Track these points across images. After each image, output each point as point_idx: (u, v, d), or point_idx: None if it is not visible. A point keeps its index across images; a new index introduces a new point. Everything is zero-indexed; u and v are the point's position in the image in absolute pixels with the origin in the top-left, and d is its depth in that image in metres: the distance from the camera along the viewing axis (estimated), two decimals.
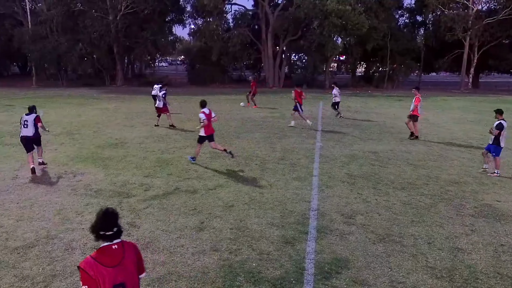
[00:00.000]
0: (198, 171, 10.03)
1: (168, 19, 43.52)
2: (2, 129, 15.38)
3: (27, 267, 5.47)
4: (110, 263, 2.98)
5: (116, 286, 2.96)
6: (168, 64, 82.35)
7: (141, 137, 14.03)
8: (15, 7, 39.89)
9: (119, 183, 9.01)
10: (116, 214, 3.13)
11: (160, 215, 7.26)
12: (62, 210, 7.45)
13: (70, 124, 16.56)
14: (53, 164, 10.54)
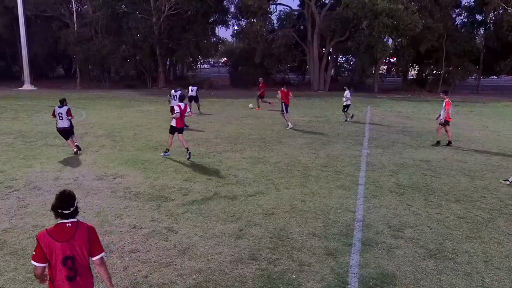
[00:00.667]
0: (238, 176, 10.11)
1: (211, 20, 44.27)
2: (46, 130, 16.15)
3: None
4: (61, 238, 3.55)
5: (66, 258, 3.55)
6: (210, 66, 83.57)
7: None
8: (62, 10, 41.92)
9: (158, 187, 9.23)
10: (73, 196, 3.69)
11: (198, 220, 7.36)
12: (102, 212, 7.72)
13: (112, 126, 17.16)
14: (94, 166, 10.95)
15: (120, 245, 6.37)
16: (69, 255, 3.57)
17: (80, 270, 3.65)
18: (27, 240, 6.47)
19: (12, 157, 11.70)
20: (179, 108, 11.86)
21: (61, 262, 3.55)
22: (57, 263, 3.55)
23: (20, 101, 26.30)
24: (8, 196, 8.53)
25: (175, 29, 38.45)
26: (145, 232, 6.86)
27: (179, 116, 11.75)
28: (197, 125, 17.75)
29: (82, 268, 3.67)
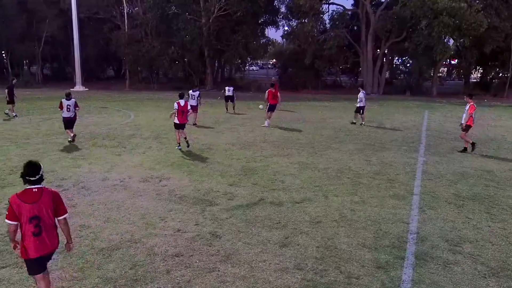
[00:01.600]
0: (284, 182, 10.08)
1: (261, 21, 44.61)
2: (96, 131, 16.85)
3: (110, 269, 5.89)
4: (28, 200, 4.47)
5: (32, 217, 4.46)
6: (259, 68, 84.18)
7: (228, 144, 14.48)
8: (114, 12, 43.67)
9: (203, 190, 9.37)
10: (38, 166, 4.60)
11: (242, 226, 7.40)
12: (146, 214, 7.93)
13: (159, 128, 17.63)
14: (140, 167, 11.28)
15: (163, 248, 6.51)
16: (35, 215, 4.48)
17: (45, 228, 4.56)
18: (74, 240, 6.69)
19: (62, 157, 12.28)
20: (178, 104, 13.32)
21: (28, 220, 4.47)
22: (25, 221, 4.47)
23: None
24: None
25: (224, 30, 39.05)
26: (189, 236, 6.98)
27: (175, 112, 13.32)
28: (244, 127, 17.91)
29: (47, 226, 4.58)
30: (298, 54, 40.20)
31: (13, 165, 11.26)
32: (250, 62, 55.36)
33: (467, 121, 13.69)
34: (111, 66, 58.95)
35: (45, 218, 4.56)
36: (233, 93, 23.04)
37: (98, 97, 31.83)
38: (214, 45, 39.33)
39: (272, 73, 58.25)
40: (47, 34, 43.45)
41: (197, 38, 38.23)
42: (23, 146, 13.77)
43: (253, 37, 41.40)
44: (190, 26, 37.69)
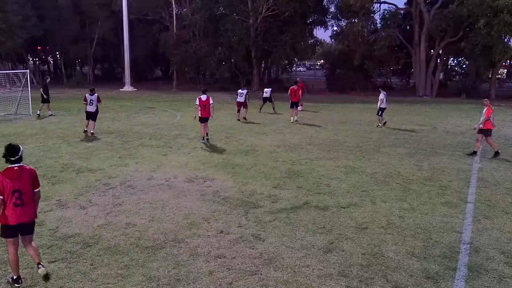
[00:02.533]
0: (330, 186, 9.97)
1: (309, 21, 44.40)
2: (143, 130, 17.33)
3: (154, 267, 6.04)
4: (11, 176, 5.33)
5: (14, 191, 5.31)
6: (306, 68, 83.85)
7: (273, 146, 14.50)
8: (163, 13, 44.81)
9: (247, 192, 9.43)
10: (17, 148, 5.43)
11: (286, 230, 7.38)
12: (190, 214, 8.07)
13: None
14: (185, 168, 11.50)
15: (206, 249, 6.60)
16: (16, 189, 5.34)
17: (25, 200, 5.42)
18: (119, 237, 6.98)
19: (110, 156, 12.72)
20: (199, 100, 14.58)
21: (11, 193, 5.31)
22: (8, 194, 5.30)
23: (120, 102, 28.52)
24: (105, 193, 9.28)
25: (272, 31, 39.15)
26: (231, 238, 7.04)
27: (198, 108, 14.65)
28: (290, 129, 17.88)
29: (26, 198, 5.44)
30: (347, 55, 39.66)
31: (64, 163, 11.78)
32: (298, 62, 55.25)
33: (485, 125, 13.25)
34: (159, 67, 60.49)
35: (25, 192, 5.44)
36: (270, 94, 23.80)
37: (146, 97, 32.74)
38: (261, 46, 39.50)
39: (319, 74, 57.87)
40: (98, 36, 45.22)
41: (245, 38, 38.52)
42: (74, 144, 14.37)
43: (301, 37, 41.24)
44: (238, 26, 38.05)
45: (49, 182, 9.97)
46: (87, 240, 6.86)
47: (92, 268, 5.98)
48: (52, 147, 13.89)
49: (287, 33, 38.70)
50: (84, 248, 6.60)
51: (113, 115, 21.59)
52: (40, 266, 5.56)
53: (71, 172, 10.90)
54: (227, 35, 38.89)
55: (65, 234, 7.09)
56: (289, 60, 44.77)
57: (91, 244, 6.74)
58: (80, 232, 7.19)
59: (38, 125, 18.55)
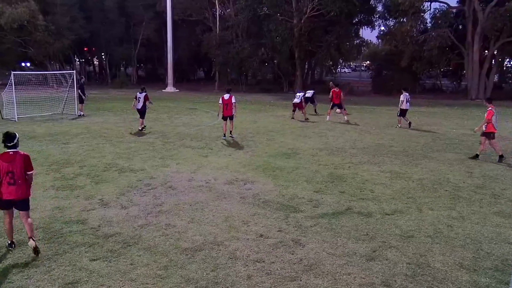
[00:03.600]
0: (374, 191, 9.80)
1: (355, 21, 43.88)
2: (184, 131, 17.62)
3: (193, 269, 6.12)
4: (6, 160, 6.42)
5: (8, 172, 6.39)
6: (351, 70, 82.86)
7: (315, 149, 14.40)
8: (207, 14, 45.48)
9: (287, 196, 9.40)
10: (13, 136, 6.54)
11: (327, 236, 7.31)
12: (230, 217, 8.13)
13: (245, 130, 18.01)
14: (226, 170, 11.60)
15: (245, 253, 6.63)
16: (10, 170, 6.42)
17: (17, 180, 6.46)
18: (159, 238, 7.12)
19: (152, 156, 13.01)
20: (222, 99, 15.73)
21: (5, 174, 6.40)
22: (3, 174, 6.41)
23: (162, 102, 29.12)
24: (146, 193, 9.50)
25: (316, 31, 38.94)
26: (271, 242, 7.03)
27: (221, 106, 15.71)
28: (333, 132, 17.70)
29: (19, 178, 6.48)
30: (394, 56, 38.89)
31: (107, 162, 12.15)
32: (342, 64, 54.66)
33: (487, 128, 13.09)
34: (201, 68, 61.41)
35: (17, 173, 6.46)
36: (312, 96, 24.01)
37: (188, 98, 33.29)
38: (305, 46, 39.35)
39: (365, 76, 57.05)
40: (142, 37, 46.45)
41: (288, 39, 38.50)
42: (116, 144, 14.80)
43: (346, 37, 40.77)
44: (281, 27, 38.08)
45: (92, 181, 10.31)
46: (128, 240, 7.04)
47: (132, 268, 6.13)
48: (96, 146, 14.36)
49: (332, 33, 38.39)
50: (125, 247, 6.77)
51: (155, 115, 22.08)
52: (30, 240, 6.46)
53: (113, 171, 11.23)
54: (270, 35, 38.98)
55: (106, 233, 7.30)
56: (334, 61, 44.34)
57: (132, 243, 6.91)
58: (121, 231, 7.39)
59: (83, 124, 19.22)
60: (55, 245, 6.80)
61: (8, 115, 20.79)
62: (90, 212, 8.28)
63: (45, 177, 10.62)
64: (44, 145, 14.50)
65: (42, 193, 9.39)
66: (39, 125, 18.95)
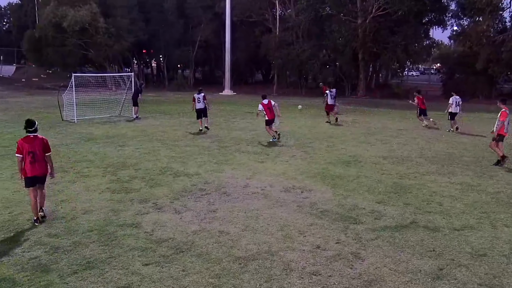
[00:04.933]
0: (443, 204, 9.44)
1: (425, 21, 42.65)
2: (240, 136, 17.81)
3: (245, 279, 6.15)
4: (28, 142, 7.91)
5: (29, 152, 7.84)
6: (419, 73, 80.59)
7: (378, 157, 14.10)
8: (266, 14, 45.84)
9: (347, 206, 9.26)
10: (33, 122, 8.08)
11: (389, 250, 7.12)
12: (285, 226, 8.11)
13: (304, 136, 17.95)
14: (282, 176, 11.60)
15: (301, 265, 6.58)
16: (31, 151, 7.91)
17: (37, 159, 7.97)
18: (212, 245, 7.22)
19: (207, 161, 13.25)
20: (261, 105, 16.59)
21: (27, 154, 7.89)
22: (26, 154, 7.90)
23: (219, 106, 29.56)
24: (200, 198, 9.68)
25: (382, 32, 38.22)
26: (328, 254, 6.94)
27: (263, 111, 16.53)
28: (398, 139, 17.26)
29: (38, 158, 8.00)
30: (468, 58, 37.35)
31: (162, 166, 12.50)
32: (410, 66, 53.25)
33: (499, 130, 12.98)
34: (259, 70, 61.87)
35: (37, 153, 7.98)
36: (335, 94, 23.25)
37: (245, 101, 33.62)
38: (370, 48, 38.69)
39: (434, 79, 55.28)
40: (201, 39, 47.45)
41: (351, 40, 38.06)
42: (172, 148, 15.20)
43: (415, 38, 39.66)
44: (344, 27, 37.71)
45: (147, 185, 10.64)
46: (181, 246, 7.19)
47: (184, 274, 6.25)
48: (151, 149, 14.82)
49: (399, 34, 37.52)
50: (177, 253, 6.92)
51: (211, 119, 22.46)
52: (40, 210, 8.21)
53: (168, 175, 11.53)
54: (333, 36, 38.69)
55: (159, 238, 7.50)
56: (401, 64, 43.27)
57: (184, 249, 7.05)
58: (174, 236, 7.57)
59: (139, 127, 19.91)
60: (109, 248, 7.07)
61: (68, 117, 21.90)
62: (144, 216, 8.54)
63: (101, 179, 11.09)
64: (101, 147, 15.14)
65: (98, 195, 9.81)
66: (97, 127, 19.84)
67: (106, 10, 43.22)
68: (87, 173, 11.68)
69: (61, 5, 40.93)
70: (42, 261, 6.60)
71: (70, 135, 17.72)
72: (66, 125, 20.26)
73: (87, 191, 10.16)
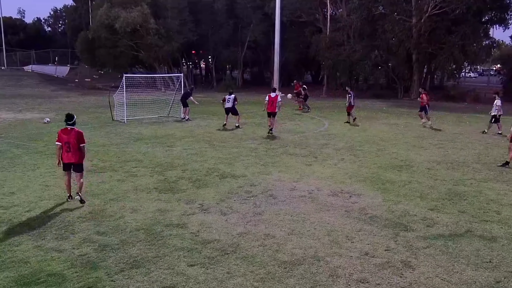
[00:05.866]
0: (501, 213, 9.06)
1: (484, 19, 41.14)
2: (288, 138, 17.79)
3: (290, 284, 6.12)
4: (65, 133, 9.16)
5: (66, 142, 9.11)
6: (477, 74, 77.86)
7: (431, 162, 13.72)
8: (317, 14, 45.57)
9: (397, 212, 9.06)
10: (72, 116, 9.27)
11: (442, 260, 6.90)
12: (333, 231, 8.02)
13: (353, 139, 17.71)
14: (330, 180, 11.49)
15: (348, 271, 6.49)
16: (67, 141, 9.09)
17: (72, 149, 9.11)
18: (257, 248, 7.23)
19: (253, 163, 13.30)
20: (268, 97, 18.27)
21: (64, 143, 9.10)
22: (63, 144, 9.11)
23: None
24: (246, 201, 9.73)
25: (437, 31, 37.13)
26: (377, 261, 6.81)
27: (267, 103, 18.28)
28: (454, 144, 16.74)
29: (73, 148, 9.12)
30: None
31: (209, 167, 12.66)
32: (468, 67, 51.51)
33: None
34: (308, 71, 61.55)
35: (72, 144, 9.09)
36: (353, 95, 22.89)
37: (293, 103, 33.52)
38: (425, 48, 37.69)
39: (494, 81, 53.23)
40: (250, 39, 47.72)
41: (405, 40, 37.20)
42: (219, 149, 15.36)
43: (474, 38, 38.25)
44: (398, 27, 36.92)
45: (193, 186, 10.80)
46: (226, 248, 7.25)
47: (229, 277, 6.29)
48: (198, 150, 15.05)
49: (457, 33, 36.29)
50: (222, 255, 6.98)
51: (258, 120, 22.57)
52: (77, 195, 9.34)
53: (214, 176, 11.67)
54: (385, 37, 37.99)
55: (205, 239, 7.59)
56: (458, 65, 41.86)
57: (229, 252, 7.10)
58: (219, 238, 7.64)
59: (187, 128, 20.26)
60: (155, 248, 7.22)
61: (118, 117, 22.57)
62: (190, 217, 8.68)
63: (149, 179, 11.35)
64: (149, 147, 15.51)
65: (146, 195, 10.05)
66: (146, 127, 20.34)
67: (157, 12, 44.21)
68: (136, 173, 11.99)
69: (114, 7, 42.22)
70: (90, 258, 6.83)
71: (119, 134, 18.26)
72: (116, 125, 20.89)
73: (135, 190, 10.43)
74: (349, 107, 22.66)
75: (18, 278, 6.20)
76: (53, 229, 7.99)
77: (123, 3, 41.95)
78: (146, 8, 42.01)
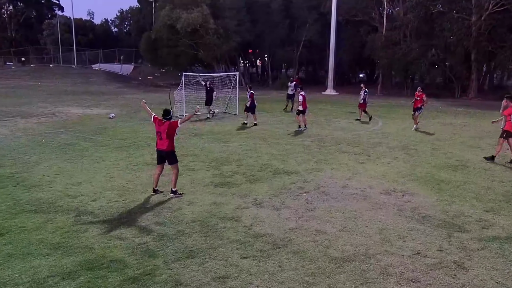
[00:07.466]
0: None
1: None
2: (341, 136, 17.57)
3: (341, 280, 6.07)
4: (158, 124, 9.73)
5: (158, 132, 9.74)
6: None
7: (489, 162, 13.15)
8: (373, 13, 44.66)
9: (451, 213, 8.76)
10: (169, 111, 9.81)
11: (497, 262, 6.62)
12: (384, 230, 7.87)
13: (407, 138, 17.24)
14: (383, 178, 11.26)
15: (399, 270, 6.35)
16: (159, 131, 9.63)
17: (163, 138, 9.57)
18: (309, 243, 7.21)
19: (306, 160, 13.24)
20: (302, 97, 19.09)
21: (157, 133, 9.71)
22: (157, 133, 9.72)
23: (321, 105, 29.46)
24: (298, 196, 9.71)
25: (499, 29, 35.44)
26: (429, 262, 6.63)
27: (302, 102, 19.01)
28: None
29: (165, 136, 9.55)
30: None
31: (263, 163, 12.72)
32: None
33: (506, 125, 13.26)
34: (363, 70, 60.46)
35: (163, 134, 9.56)
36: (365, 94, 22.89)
37: (347, 101, 33.07)
38: (484, 47, 36.08)
39: None
40: (305, 39, 47.45)
41: (464, 39, 35.75)
42: (273, 145, 15.40)
43: None
44: (457, 25, 35.54)
45: (247, 180, 10.90)
46: (277, 242, 7.28)
47: (280, 270, 6.32)
48: (253, 146, 15.15)
49: None
50: (274, 249, 7.02)
51: (312, 118, 22.41)
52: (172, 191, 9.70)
53: (268, 172, 11.72)
54: (443, 35, 36.66)
55: (257, 233, 7.65)
56: None
57: (281, 246, 7.12)
58: (271, 232, 7.68)
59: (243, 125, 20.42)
60: (210, 239, 7.36)
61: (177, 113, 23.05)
62: (244, 211, 8.76)
63: (206, 173, 11.56)
64: (206, 143, 15.77)
65: (202, 188, 10.24)
66: (203, 124, 20.70)
67: (216, 12, 44.77)
68: (193, 167, 12.24)
69: (175, 8, 43.11)
70: (149, 247, 7.05)
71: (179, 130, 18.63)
72: None
73: (192, 183, 10.65)
74: (362, 104, 22.57)
75: (83, 263, 6.50)
76: (116, 218, 8.31)
77: (184, 5, 42.75)
78: (206, 9, 42.62)
